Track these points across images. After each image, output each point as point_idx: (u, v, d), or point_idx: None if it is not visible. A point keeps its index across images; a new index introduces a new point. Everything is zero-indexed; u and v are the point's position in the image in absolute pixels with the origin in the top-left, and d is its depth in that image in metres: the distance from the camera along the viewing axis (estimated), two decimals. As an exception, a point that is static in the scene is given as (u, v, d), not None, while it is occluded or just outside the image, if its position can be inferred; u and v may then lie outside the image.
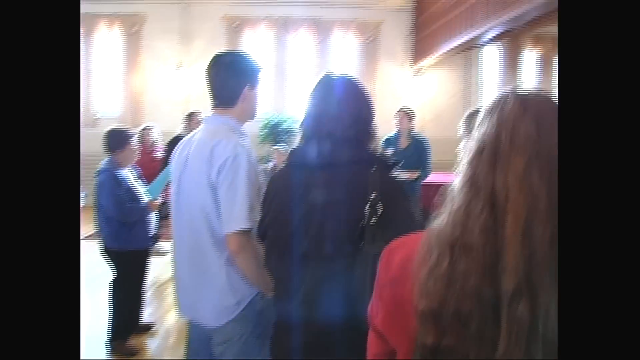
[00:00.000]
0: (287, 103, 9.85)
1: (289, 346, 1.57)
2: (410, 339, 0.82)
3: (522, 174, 0.75)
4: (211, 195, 1.78)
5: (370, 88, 9.96)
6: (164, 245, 5.89)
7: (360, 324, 1.34)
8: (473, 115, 1.84)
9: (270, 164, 2.79)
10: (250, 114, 2.00)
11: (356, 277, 1.38)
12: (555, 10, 6.10)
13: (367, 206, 1.41)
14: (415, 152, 5.24)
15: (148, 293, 4.47)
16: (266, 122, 9.16)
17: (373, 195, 1.41)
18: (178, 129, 5.82)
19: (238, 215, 1.74)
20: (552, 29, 10.02)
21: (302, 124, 1.64)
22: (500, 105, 0.83)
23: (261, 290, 1.88)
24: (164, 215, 4.12)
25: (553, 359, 0.71)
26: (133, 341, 3.81)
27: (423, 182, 5.34)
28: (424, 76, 10.22)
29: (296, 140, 1.66)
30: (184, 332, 3.97)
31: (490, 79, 10.69)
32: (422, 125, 10.07)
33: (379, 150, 2.29)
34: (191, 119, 5.62)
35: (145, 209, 3.55)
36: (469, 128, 1.81)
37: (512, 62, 10.45)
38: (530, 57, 10.66)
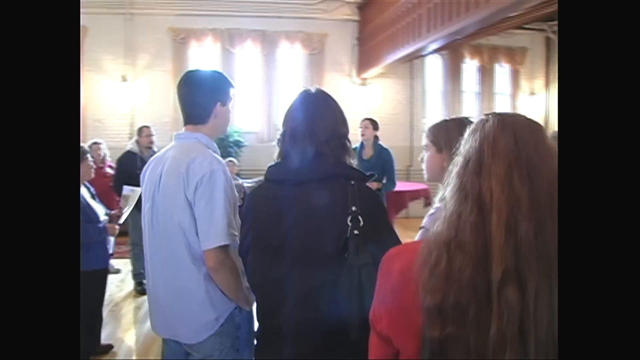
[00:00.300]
0: (235, 115, 9.80)
1: (276, 358, 1.60)
2: (415, 338, 0.90)
3: (504, 178, 0.87)
4: (188, 212, 1.79)
5: (318, 99, 10.06)
6: (115, 263, 5.76)
7: (347, 334, 1.39)
8: (437, 126, 1.92)
9: (239, 180, 2.80)
10: (221, 130, 2.03)
11: (342, 289, 1.41)
12: (491, 25, 6.37)
13: (349, 219, 1.46)
14: (379, 162, 5.25)
15: (104, 313, 4.37)
16: (215, 134, 9.12)
17: (354, 208, 1.47)
18: (128, 145, 5.68)
19: (216, 231, 1.75)
20: (489, 41, 10.48)
21: (280, 140, 1.68)
22: (482, 124, 0.96)
23: (239, 305, 1.90)
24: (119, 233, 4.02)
25: (548, 341, 0.81)
26: None
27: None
28: (369, 86, 10.41)
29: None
30: (145, 352, 3.93)
31: (434, 88, 11.01)
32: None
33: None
34: (141, 133, 5.51)
35: (104, 230, 3.45)
36: (433, 139, 1.89)
37: (453, 72, 10.82)
38: (470, 67, 11.06)
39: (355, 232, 1.43)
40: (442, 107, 10.97)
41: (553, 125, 11.28)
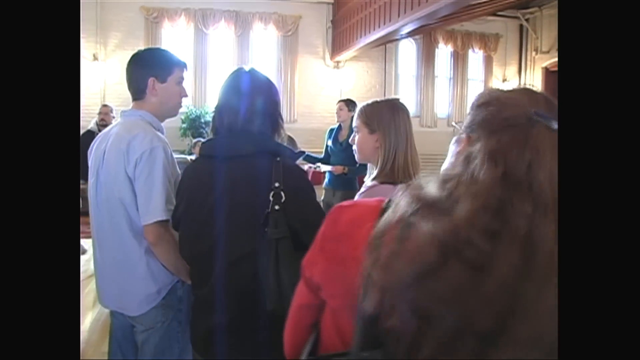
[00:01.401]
0: (208, 96, 9.77)
1: (206, 326, 1.67)
2: (347, 293, 0.83)
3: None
4: (129, 188, 1.84)
5: (291, 81, 10.08)
6: (83, 243, 5.76)
7: (265, 304, 1.47)
8: (369, 108, 1.94)
9: (193, 157, 2.83)
10: (166, 109, 2.04)
11: (262, 261, 1.49)
12: (465, 10, 6.43)
13: (271, 194, 1.52)
14: (350, 146, 5.16)
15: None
16: (186, 115, 9.06)
17: (276, 184, 1.53)
18: (90, 124, 5.66)
19: (155, 207, 1.80)
20: (463, 27, 10.57)
21: (212, 118, 1.74)
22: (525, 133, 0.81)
23: (181, 278, 1.96)
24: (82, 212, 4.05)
25: None
26: None
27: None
28: (343, 69, 10.45)
29: (208, 133, 1.75)
30: (107, 329, 3.96)
31: (407, 73, 11.09)
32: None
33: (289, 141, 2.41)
34: (103, 111, 5.52)
35: None
36: (366, 120, 1.91)
37: (427, 57, 10.90)
38: (443, 52, 11.14)
39: (276, 207, 1.49)
40: (415, 92, 11.07)
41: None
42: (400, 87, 11.06)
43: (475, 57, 11.36)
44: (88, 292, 4.81)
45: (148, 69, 1.96)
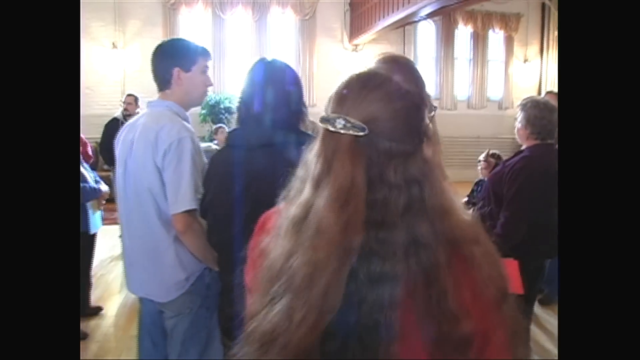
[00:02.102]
0: (226, 82, 9.79)
1: (231, 312, 1.68)
2: None
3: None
4: (158, 178, 1.86)
5: (309, 65, 10.03)
6: (109, 229, 5.84)
7: None
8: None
9: (215, 143, 2.85)
10: (191, 98, 2.06)
11: None
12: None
13: None
14: None
15: (93, 278, 4.48)
16: (206, 101, 9.08)
17: None
18: (116, 112, 5.72)
19: (183, 196, 1.82)
20: (483, 7, 10.38)
21: (237, 108, 1.75)
22: None
23: (208, 265, 1.98)
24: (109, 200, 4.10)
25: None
26: (82, 325, 3.82)
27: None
28: (361, 52, 10.38)
29: (233, 123, 1.75)
30: (134, 313, 4.02)
31: (426, 55, 10.96)
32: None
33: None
34: (126, 100, 5.57)
35: (93, 192, 3.52)
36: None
37: (446, 38, 10.75)
38: (463, 33, 10.98)
39: None
40: (435, 74, 10.95)
41: (545, 92, 11.27)
42: (420, 69, 10.88)
43: (496, 37, 11.17)
44: (114, 277, 4.90)
45: (172, 59, 1.97)
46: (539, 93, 11.44)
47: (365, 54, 10.38)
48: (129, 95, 5.62)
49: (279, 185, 1.54)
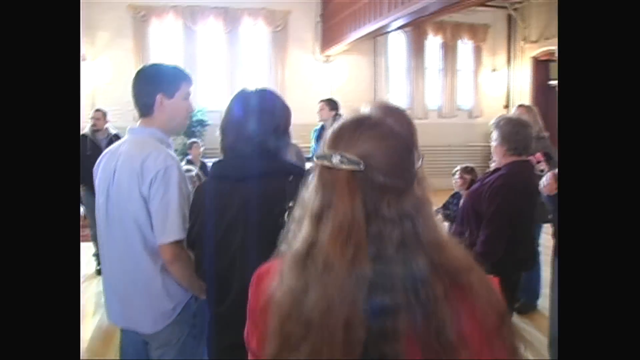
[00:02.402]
0: (198, 94, 9.70)
1: (224, 343, 1.67)
2: None
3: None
4: (143, 208, 1.82)
5: (281, 76, 10.03)
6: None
7: None
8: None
9: (194, 172, 2.83)
10: (174, 125, 2.03)
11: None
12: (454, 3, 6.41)
13: (285, 216, 1.51)
14: None
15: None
16: (178, 114, 8.99)
17: (290, 205, 1.52)
18: (85, 129, 5.56)
19: (171, 226, 1.79)
20: (452, 18, 10.55)
21: (221, 139, 1.72)
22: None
23: (195, 294, 1.95)
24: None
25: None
26: None
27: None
28: (333, 63, 10.42)
29: (206, 136, 1.74)
30: (110, 337, 3.93)
31: (398, 65, 11.07)
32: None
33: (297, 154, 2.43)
34: (95, 116, 5.45)
35: None
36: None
37: (417, 48, 10.88)
38: (433, 43, 11.13)
39: None
40: (406, 84, 11.06)
41: (514, 101, 11.49)
42: (391, 80, 11.05)
43: (465, 47, 11.34)
44: (88, 297, 4.78)
45: (156, 85, 1.94)
46: (507, 101, 11.68)
47: (337, 65, 10.44)
48: (97, 110, 5.50)
49: (266, 218, 1.55)
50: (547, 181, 2.45)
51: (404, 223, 0.81)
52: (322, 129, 5.35)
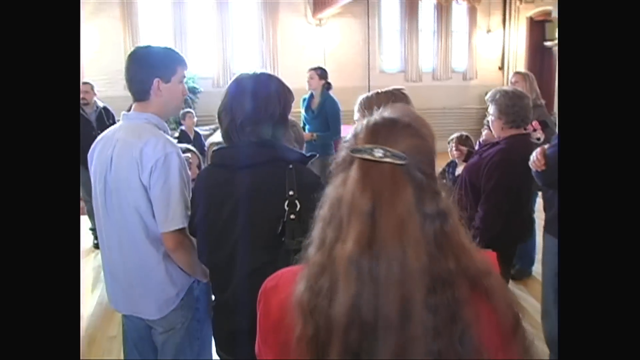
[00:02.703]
0: (190, 62, 9.52)
1: (228, 329, 1.69)
2: None
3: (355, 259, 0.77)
4: (144, 196, 1.80)
5: (273, 41, 9.87)
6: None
7: None
8: (369, 99, 1.92)
9: (189, 154, 2.81)
10: (169, 109, 1.99)
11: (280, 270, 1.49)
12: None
13: (286, 204, 1.52)
14: (322, 112, 5.16)
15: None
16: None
17: (291, 193, 1.53)
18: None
19: (173, 215, 1.78)
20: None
21: (220, 124, 1.70)
22: (347, 166, 0.84)
23: (198, 278, 1.96)
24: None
25: None
26: None
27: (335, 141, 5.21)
28: (325, 27, 10.25)
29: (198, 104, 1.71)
30: (111, 313, 3.93)
31: (391, 27, 10.91)
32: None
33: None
34: (83, 89, 5.23)
35: None
36: (363, 113, 1.88)
37: (410, 11, 10.70)
38: (427, 5, 10.95)
39: (292, 216, 1.50)
40: (400, 46, 10.93)
41: (509, 63, 11.41)
42: (384, 43, 10.90)
43: (459, 8, 11.17)
44: (86, 274, 4.78)
45: (153, 69, 1.89)
46: (502, 63, 11.59)
47: (330, 28, 10.27)
48: (84, 83, 5.34)
49: (265, 207, 1.55)
50: (535, 157, 2.44)
51: (436, 222, 0.81)
52: (312, 97, 5.30)
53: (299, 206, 1.50)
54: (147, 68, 1.89)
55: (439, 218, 0.81)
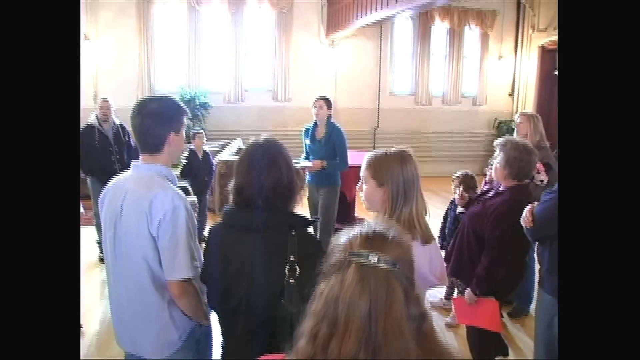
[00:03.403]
0: (202, 77, 9.67)
1: None
2: None
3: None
4: (152, 246, 1.87)
5: (285, 59, 9.98)
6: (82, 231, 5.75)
7: None
8: (378, 161, 1.97)
9: (195, 198, 2.92)
10: (176, 156, 2.09)
11: (278, 331, 1.58)
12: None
13: (286, 268, 1.62)
14: (330, 142, 5.09)
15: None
16: (181, 96, 8.95)
17: (292, 258, 1.63)
18: (90, 118, 5.49)
19: (180, 264, 1.84)
20: (460, 3, 10.44)
21: (233, 190, 1.81)
22: (342, 269, 0.92)
23: (200, 321, 2.01)
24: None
25: None
26: None
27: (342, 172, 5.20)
28: (338, 47, 10.36)
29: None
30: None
31: (403, 50, 11.00)
32: (334, 97, 10.28)
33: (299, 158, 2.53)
34: (102, 106, 5.37)
35: None
36: (374, 174, 1.96)
37: (423, 34, 10.79)
38: (440, 29, 11.03)
39: (291, 280, 1.60)
40: (411, 69, 11.01)
41: (519, 90, 11.45)
42: (396, 65, 10.99)
43: (472, 34, 11.25)
44: (92, 289, 4.83)
45: (169, 123, 1.96)
46: (512, 90, 11.63)
47: (342, 49, 10.38)
48: (104, 100, 5.44)
49: (267, 269, 1.63)
50: (525, 214, 2.50)
51: (416, 323, 0.91)
52: (316, 126, 5.17)
53: (298, 271, 1.59)
54: (162, 123, 1.95)
55: (420, 319, 0.91)
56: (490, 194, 2.98)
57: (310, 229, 1.85)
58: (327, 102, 5.03)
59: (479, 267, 2.74)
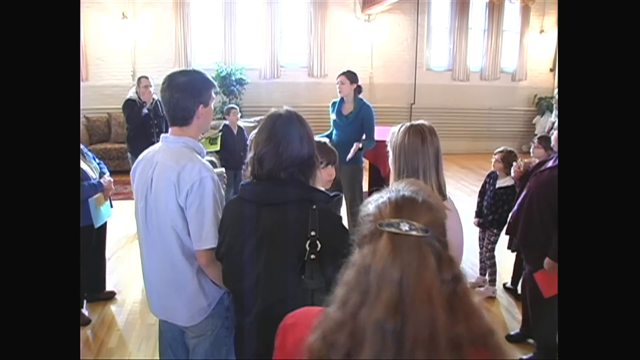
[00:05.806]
0: (238, 53, 9.71)
1: (250, 353, 1.77)
2: None
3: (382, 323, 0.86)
4: (180, 216, 1.93)
5: (321, 35, 9.92)
6: (122, 204, 5.93)
7: None
8: (414, 127, 2.00)
9: (222, 169, 2.97)
10: (204, 128, 2.13)
11: (297, 309, 1.55)
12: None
13: (307, 243, 1.56)
14: (358, 119, 4.97)
15: (110, 260, 4.62)
16: (217, 73, 9.03)
17: (312, 233, 1.57)
18: (129, 93, 5.72)
19: (206, 235, 1.90)
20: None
21: (249, 161, 1.76)
22: (375, 238, 0.91)
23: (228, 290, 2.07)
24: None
25: None
26: (87, 310, 4.02)
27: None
28: (374, 22, 10.23)
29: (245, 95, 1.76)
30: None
31: (440, 25, 10.79)
32: (371, 73, 10.18)
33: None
34: (140, 84, 5.56)
35: (86, 190, 3.60)
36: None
37: (461, 8, 10.54)
38: (478, 2, 10.76)
39: (312, 256, 1.54)
40: (448, 44, 10.80)
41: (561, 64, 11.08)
42: (433, 40, 10.79)
43: (512, 7, 10.92)
44: (132, 260, 4.98)
45: (197, 96, 1.99)
46: (554, 65, 11.28)
47: (378, 24, 10.24)
48: (144, 77, 5.61)
49: (288, 244, 1.60)
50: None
51: (450, 285, 0.90)
52: (342, 101, 5.06)
53: (319, 246, 1.54)
54: (192, 96, 1.99)
55: (453, 282, 0.90)
56: (550, 163, 3.03)
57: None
58: (350, 77, 4.88)
59: (549, 252, 2.87)
